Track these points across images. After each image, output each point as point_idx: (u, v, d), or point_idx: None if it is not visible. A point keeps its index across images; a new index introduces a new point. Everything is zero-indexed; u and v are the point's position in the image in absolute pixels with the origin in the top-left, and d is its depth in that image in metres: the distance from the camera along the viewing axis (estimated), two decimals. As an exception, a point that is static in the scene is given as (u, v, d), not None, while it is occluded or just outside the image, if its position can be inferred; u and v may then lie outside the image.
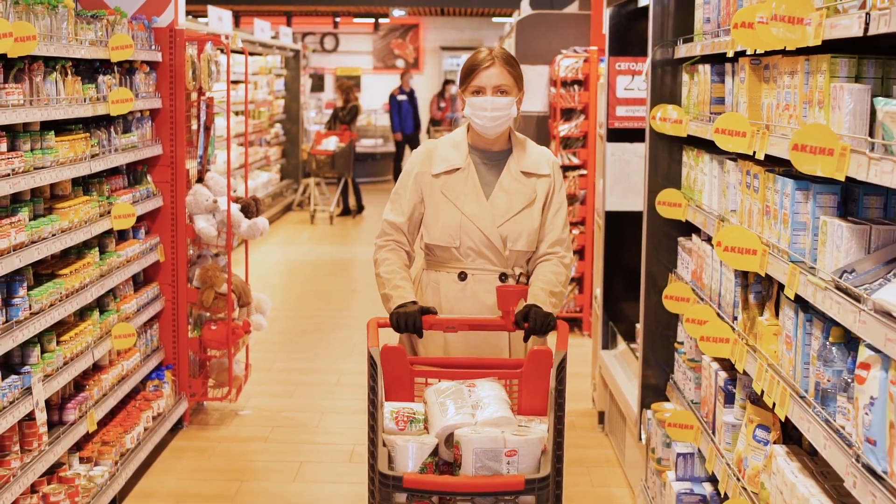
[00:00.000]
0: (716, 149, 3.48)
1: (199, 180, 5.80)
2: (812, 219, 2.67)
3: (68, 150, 4.28)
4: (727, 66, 3.51)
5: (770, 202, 2.94)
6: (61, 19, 4.22)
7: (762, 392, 2.94)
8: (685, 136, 3.96)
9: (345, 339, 7.76)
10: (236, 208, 5.84)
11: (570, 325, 3.37)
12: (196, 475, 5.07)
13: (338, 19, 21.53)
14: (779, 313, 2.97)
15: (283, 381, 6.66)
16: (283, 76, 15.46)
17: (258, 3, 18.72)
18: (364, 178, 17.06)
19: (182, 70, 5.46)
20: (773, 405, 2.83)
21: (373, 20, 21.46)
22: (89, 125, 4.70)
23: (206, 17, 11.25)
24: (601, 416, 5.72)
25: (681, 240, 4.21)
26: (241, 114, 11.84)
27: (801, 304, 2.71)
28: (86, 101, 4.49)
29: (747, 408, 3.25)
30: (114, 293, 4.92)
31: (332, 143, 13.91)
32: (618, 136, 5.64)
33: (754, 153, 2.99)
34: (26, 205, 4.02)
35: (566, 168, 8.04)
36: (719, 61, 3.62)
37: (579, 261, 7.82)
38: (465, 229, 3.43)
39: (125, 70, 5.04)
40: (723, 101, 3.60)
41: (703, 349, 3.41)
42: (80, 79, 4.47)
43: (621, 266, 5.65)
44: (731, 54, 3.23)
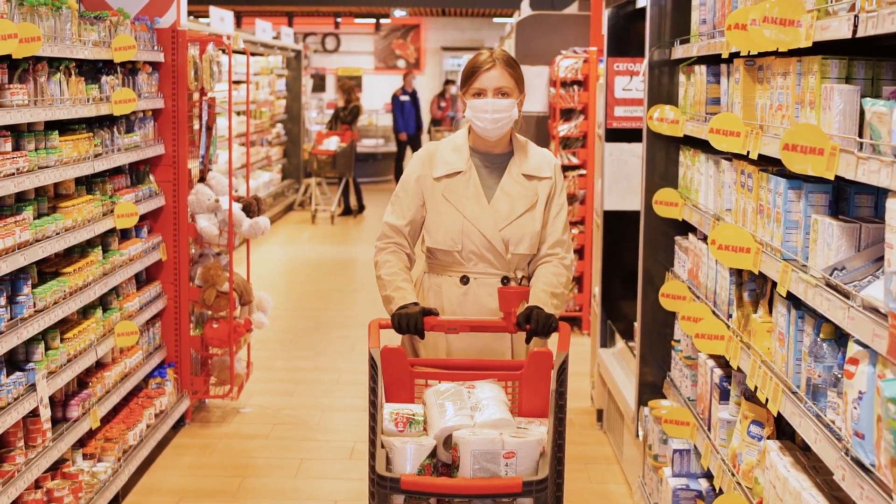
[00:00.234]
0: (712, 149, 3.52)
1: (201, 180, 5.85)
2: (804, 217, 2.72)
3: (72, 149, 4.33)
4: (722, 67, 3.55)
5: (764, 201, 2.98)
6: (65, 20, 4.27)
7: (756, 388, 2.99)
8: (682, 136, 4.00)
9: (345, 337, 7.81)
10: (238, 207, 5.88)
11: (569, 323, 3.35)
12: (198, 472, 5.12)
13: (339, 20, 21.58)
14: (772, 311, 3.01)
15: (284, 380, 6.71)
16: (285, 76, 15.50)
17: (260, 3, 18.77)
18: (365, 178, 17.11)
19: (184, 70, 5.50)
20: (766, 401, 2.88)
21: (374, 20, 21.51)
22: (92, 125, 4.75)
23: (207, 18, 11.30)
24: (600, 414, 5.77)
25: (678, 239, 4.26)
26: (242, 114, 11.89)
27: (794, 301, 2.76)
28: (89, 102, 4.53)
29: (742, 404, 3.30)
30: (117, 291, 4.97)
31: (333, 143, 13.96)
32: (616, 136, 5.68)
33: (748, 153, 3.04)
34: (30, 204, 4.07)
35: (566, 168, 8.08)
36: (715, 62, 3.66)
37: (579, 260, 7.86)
38: (467, 233, 3.41)
39: (128, 70, 5.09)
40: (718, 101, 3.64)
41: (699, 346, 3.46)
42: (83, 79, 4.52)
43: (620, 265, 5.69)
44: (725, 55, 3.28)
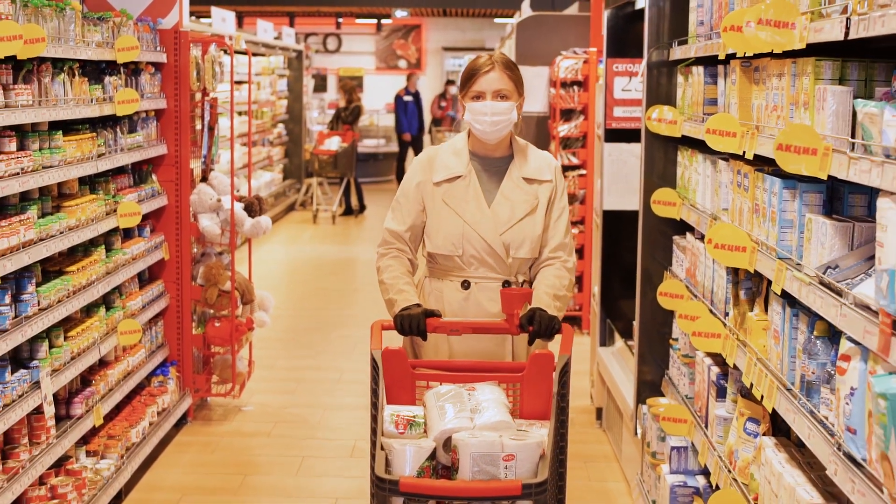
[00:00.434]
0: (709, 149, 3.56)
1: (204, 179, 5.89)
2: (798, 217, 2.75)
3: (75, 149, 4.37)
4: (720, 69, 3.59)
5: (759, 201, 3.02)
6: (69, 21, 4.31)
7: (751, 385, 3.03)
8: (680, 136, 4.04)
9: (346, 337, 7.85)
10: (240, 207, 5.93)
11: (569, 323, 3.35)
12: (200, 469, 5.16)
13: (340, 20, 21.62)
14: (768, 309, 3.05)
15: (285, 378, 6.75)
16: (286, 76, 15.55)
17: (261, 3, 18.81)
18: (366, 178, 17.15)
19: (186, 71, 5.54)
20: (762, 398, 2.92)
21: (375, 21, 21.56)
22: (96, 125, 4.78)
23: (209, 18, 11.35)
24: (599, 413, 5.80)
25: (676, 238, 4.30)
26: (244, 114, 11.93)
27: (789, 299, 2.80)
28: (92, 102, 4.57)
29: (738, 401, 3.33)
30: (119, 290, 5.01)
31: (334, 143, 14.00)
32: (615, 136, 5.72)
33: (744, 153, 3.08)
34: (35, 203, 4.11)
35: (566, 168, 8.12)
36: (712, 63, 3.70)
37: (578, 260, 7.86)
38: (468, 237, 3.40)
39: (131, 71, 5.13)
40: (715, 102, 3.68)
41: (696, 344, 3.49)
42: (86, 80, 4.56)
43: (619, 264, 5.73)
44: (722, 57, 3.31)
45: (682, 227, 4.24)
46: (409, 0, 19.31)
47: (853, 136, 2.37)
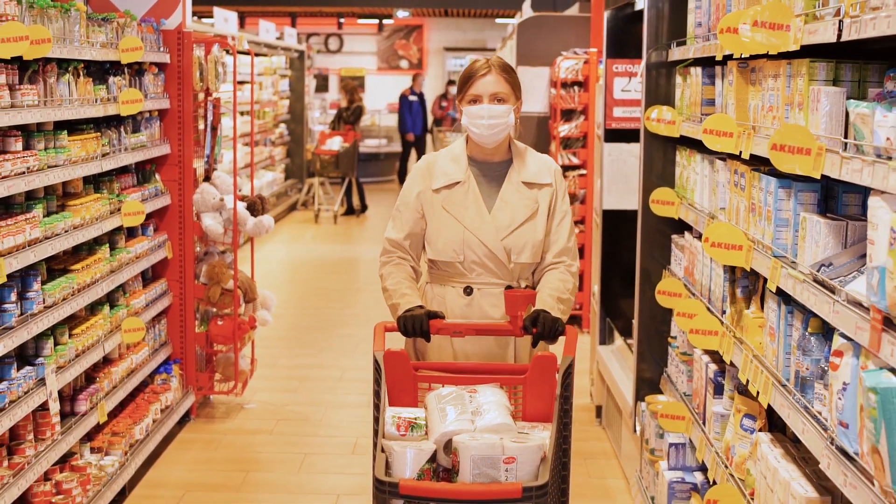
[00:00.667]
0: (707, 149, 3.59)
1: (206, 179, 5.94)
2: (793, 215, 2.80)
3: (80, 149, 4.42)
4: (717, 69, 3.63)
5: (755, 200, 3.07)
6: (73, 22, 4.35)
7: (747, 381, 3.07)
8: (678, 136, 4.08)
9: (348, 336, 7.89)
10: (242, 206, 5.97)
11: (570, 322, 3.32)
12: (203, 466, 5.20)
13: (342, 20, 21.66)
14: (764, 306, 3.09)
15: (287, 377, 6.79)
16: (288, 77, 15.60)
17: (263, 4, 18.86)
18: (368, 178, 17.20)
19: (190, 71, 5.59)
20: (758, 394, 2.96)
21: (377, 21, 21.60)
22: (100, 125, 4.83)
23: (211, 18, 11.41)
24: (598, 410, 5.85)
25: (674, 237, 4.34)
26: (246, 114, 11.98)
27: (784, 297, 2.84)
28: (97, 102, 4.62)
29: (735, 398, 3.38)
30: (123, 288, 5.05)
31: (336, 143, 14.05)
32: (615, 136, 5.76)
33: (741, 153, 3.12)
34: (40, 202, 4.15)
35: (566, 168, 8.17)
36: (710, 64, 3.74)
37: (579, 259, 7.93)
38: (469, 243, 3.38)
39: (134, 71, 5.18)
40: (713, 102, 3.72)
41: (693, 341, 3.54)
42: (91, 80, 4.60)
43: (618, 263, 5.76)
44: (719, 58, 3.36)
45: (681, 227, 4.29)
46: (411, 0, 19.36)
47: (846, 136, 2.41)
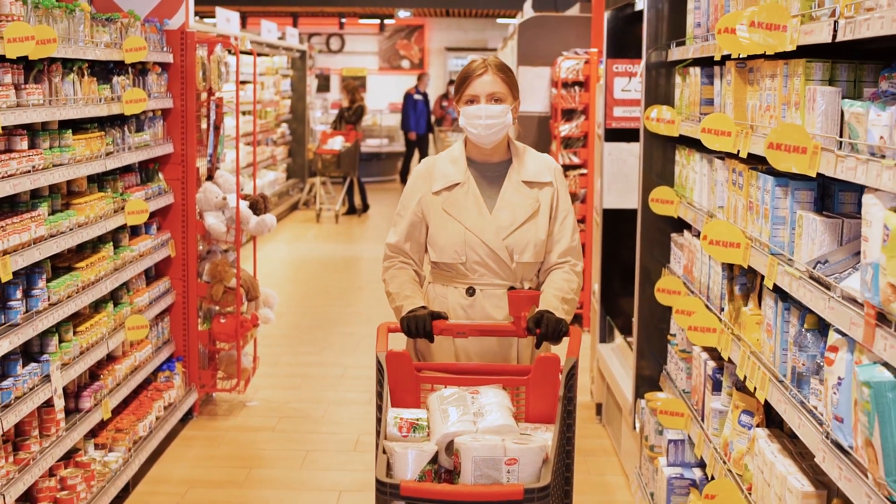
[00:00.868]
0: (706, 148, 3.62)
1: (209, 178, 5.98)
2: (790, 213, 2.83)
3: (85, 148, 4.46)
4: (716, 69, 3.67)
5: (753, 198, 3.10)
6: (78, 22, 4.39)
7: (745, 378, 3.11)
8: (677, 135, 4.11)
9: (350, 334, 7.93)
10: (245, 205, 6.01)
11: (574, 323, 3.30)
12: (206, 462, 5.24)
13: (343, 20, 21.71)
14: (761, 303, 3.13)
15: (289, 374, 6.83)
16: (290, 76, 15.64)
17: (265, 4, 18.90)
18: (369, 178, 17.24)
19: (193, 71, 5.63)
20: (755, 390, 3.00)
21: (378, 21, 21.64)
22: (104, 124, 4.87)
23: (213, 18, 11.44)
24: (599, 408, 5.88)
25: (673, 236, 4.37)
26: (248, 113, 12.02)
27: (781, 294, 2.88)
28: (101, 101, 4.66)
29: (733, 395, 3.42)
30: (127, 286, 5.09)
31: (337, 143, 14.08)
32: (615, 135, 5.79)
33: (738, 152, 3.16)
34: (45, 200, 4.19)
35: (567, 167, 8.20)
36: (709, 64, 3.77)
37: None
38: (470, 244, 3.37)
39: (138, 71, 5.21)
40: (712, 102, 3.76)
41: (691, 339, 3.57)
42: (95, 79, 4.64)
43: (619, 262, 5.80)
44: (718, 58, 3.39)
45: (680, 225, 4.32)
46: (412, 0, 19.40)
47: (841, 135, 2.45)
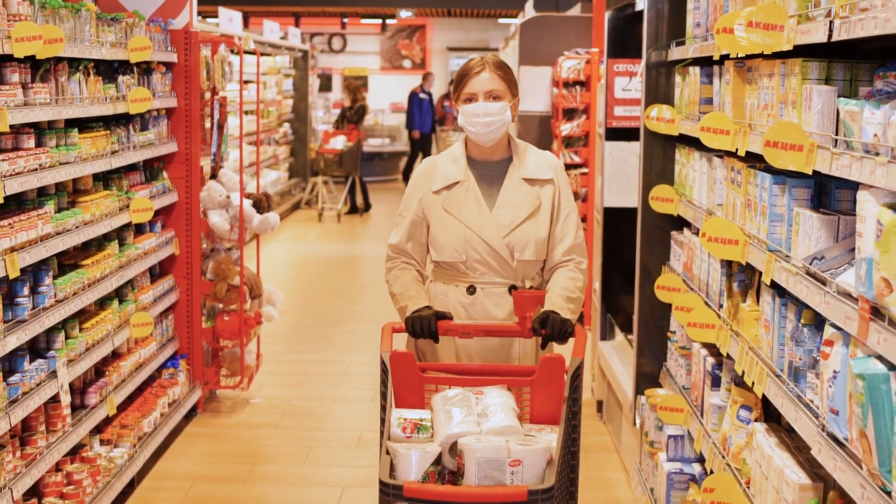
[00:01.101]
0: (705, 146, 3.67)
1: (213, 177, 6.02)
2: (788, 210, 2.88)
3: (90, 146, 4.50)
4: (715, 69, 3.71)
5: (751, 196, 3.14)
6: (84, 22, 4.44)
7: (743, 373, 3.15)
8: (677, 134, 4.16)
9: (352, 332, 7.97)
10: (249, 204, 6.06)
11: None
12: (210, 458, 5.28)
13: (345, 20, 21.75)
14: (759, 300, 3.17)
15: (292, 372, 6.88)
16: (292, 76, 15.68)
17: (267, 3, 18.95)
18: (371, 177, 17.28)
19: (197, 70, 5.67)
20: (753, 384, 3.04)
21: (380, 21, 21.68)
22: (109, 123, 4.91)
23: (215, 18, 11.48)
24: (599, 405, 5.93)
25: (673, 234, 4.42)
26: (250, 113, 12.06)
27: (778, 290, 2.92)
28: (107, 100, 4.70)
29: (732, 390, 3.46)
30: (132, 284, 5.13)
31: (339, 143, 14.13)
32: (616, 134, 5.83)
33: (737, 150, 3.20)
34: (51, 198, 4.23)
35: (568, 167, 8.24)
36: (708, 64, 3.82)
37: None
38: (471, 242, 3.36)
39: (143, 70, 5.26)
40: (711, 101, 3.80)
41: (690, 335, 3.62)
42: (101, 79, 4.68)
43: (619, 260, 5.84)
44: (717, 57, 3.43)
45: (680, 223, 4.36)
46: (414, 0, 19.44)
47: (837, 133, 2.49)
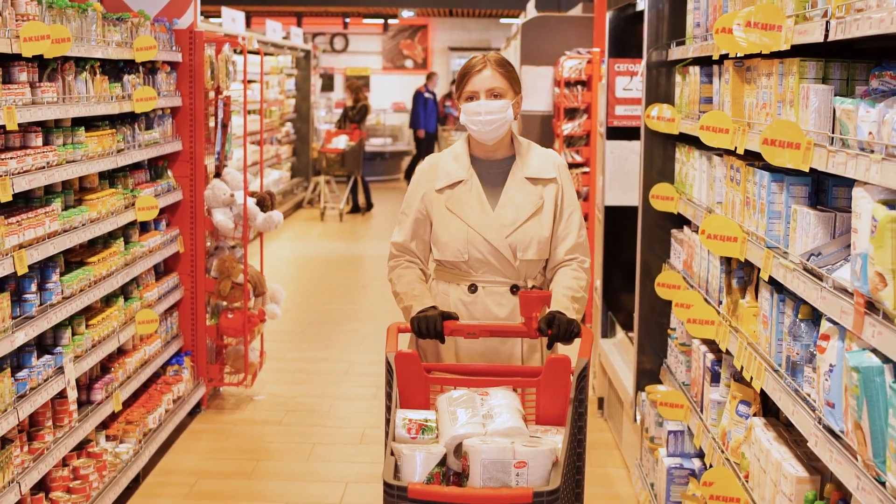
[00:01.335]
0: (705, 145, 3.71)
1: (217, 175, 6.07)
2: (785, 208, 2.92)
3: (97, 145, 4.55)
4: (714, 68, 3.75)
5: (750, 193, 3.19)
6: (90, 22, 4.49)
7: (742, 368, 3.19)
8: (677, 133, 4.20)
9: (354, 331, 8.02)
10: (252, 202, 6.10)
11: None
12: (214, 455, 5.33)
13: (347, 20, 21.80)
14: (758, 296, 3.22)
15: (295, 370, 6.92)
16: (294, 76, 15.73)
17: (269, 3, 19.00)
18: (373, 177, 17.33)
19: (201, 70, 5.72)
20: (751, 379, 3.09)
21: (382, 21, 21.73)
22: (115, 122, 4.96)
23: (218, 18, 11.53)
24: (600, 402, 5.97)
25: (673, 231, 4.46)
26: (254, 112, 12.11)
27: (776, 286, 2.97)
28: (112, 99, 4.75)
29: (731, 386, 3.50)
30: (137, 281, 5.18)
31: (341, 142, 14.17)
32: (617, 134, 5.88)
33: (736, 148, 3.25)
34: (58, 196, 4.28)
35: (570, 166, 8.28)
36: (708, 63, 3.86)
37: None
38: (473, 241, 3.34)
39: (148, 70, 5.31)
40: (711, 100, 3.84)
41: (690, 331, 3.66)
42: (106, 78, 4.73)
43: (620, 258, 5.88)
44: (716, 57, 3.48)
45: (680, 221, 4.40)
46: (416, 0, 19.48)
47: (833, 131, 2.54)
